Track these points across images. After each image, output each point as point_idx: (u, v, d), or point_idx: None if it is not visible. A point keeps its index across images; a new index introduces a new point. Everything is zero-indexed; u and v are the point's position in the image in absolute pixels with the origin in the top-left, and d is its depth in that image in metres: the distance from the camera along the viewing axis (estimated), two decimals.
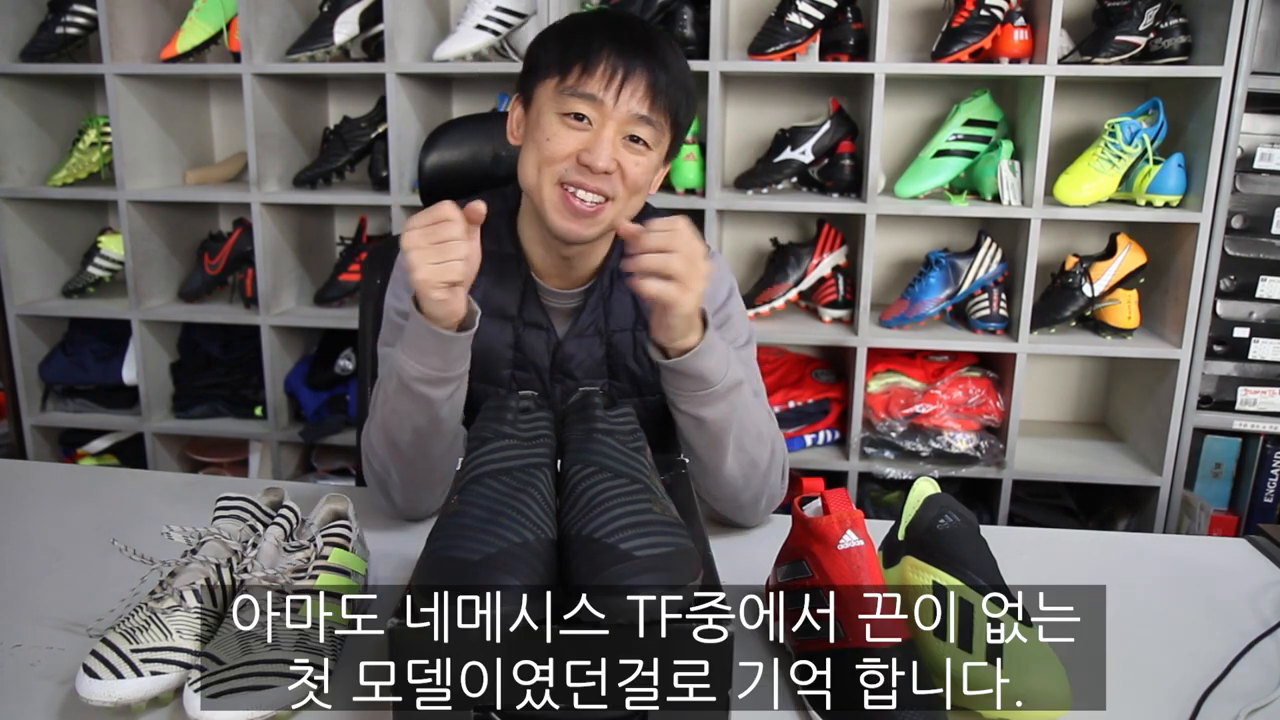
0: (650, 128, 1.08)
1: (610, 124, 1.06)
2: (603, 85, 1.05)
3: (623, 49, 1.06)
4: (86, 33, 2.29)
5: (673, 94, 1.09)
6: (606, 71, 1.05)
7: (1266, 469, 2.09)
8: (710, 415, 1.04)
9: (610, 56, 1.05)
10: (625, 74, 1.05)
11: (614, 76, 1.05)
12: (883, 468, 2.13)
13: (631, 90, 1.06)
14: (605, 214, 1.10)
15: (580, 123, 1.06)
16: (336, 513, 0.96)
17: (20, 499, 1.23)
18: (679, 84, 1.10)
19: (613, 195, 1.09)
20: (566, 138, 1.07)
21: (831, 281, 2.18)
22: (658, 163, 1.13)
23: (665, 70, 1.07)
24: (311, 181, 2.27)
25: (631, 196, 1.11)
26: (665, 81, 1.07)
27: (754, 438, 1.09)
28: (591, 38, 1.07)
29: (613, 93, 1.05)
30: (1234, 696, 0.81)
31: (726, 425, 1.05)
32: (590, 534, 0.67)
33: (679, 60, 1.11)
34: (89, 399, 2.50)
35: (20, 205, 2.38)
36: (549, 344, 1.20)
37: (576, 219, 1.09)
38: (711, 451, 1.07)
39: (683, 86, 1.11)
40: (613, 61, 1.05)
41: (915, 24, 2.23)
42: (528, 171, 1.11)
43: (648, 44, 1.08)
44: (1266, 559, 1.10)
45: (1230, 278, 2.00)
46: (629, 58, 1.06)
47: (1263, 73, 1.89)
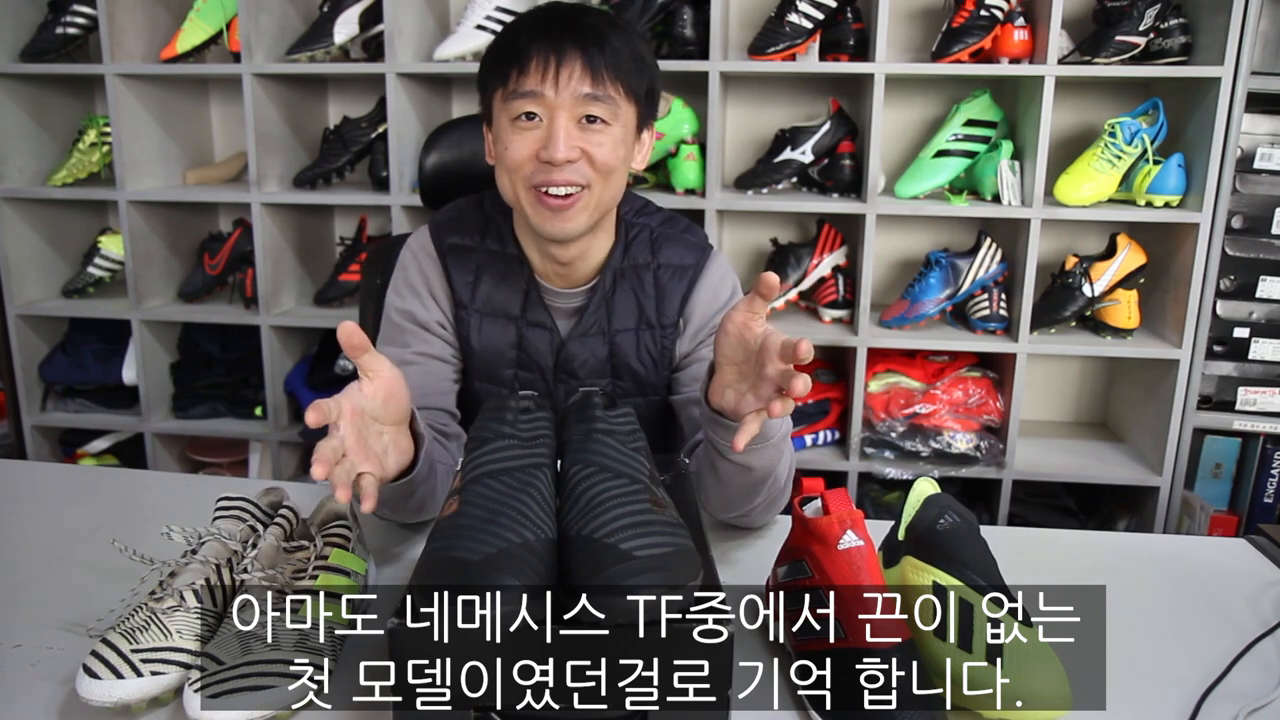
0: (601, 104, 1.06)
1: (559, 114, 1.05)
2: (539, 78, 1.05)
3: (550, 36, 1.06)
4: (86, 33, 2.29)
5: (616, 64, 1.07)
6: (540, 64, 1.05)
7: (1266, 469, 2.09)
8: (759, 463, 0.99)
9: (539, 48, 1.05)
10: (558, 60, 1.05)
11: (548, 66, 1.04)
12: (883, 468, 2.13)
13: (569, 74, 1.05)
14: (584, 201, 1.09)
15: (531, 121, 1.06)
16: (336, 513, 0.96)
17: (20, 499, 1.23)
18: (620, 52, 1.07)
19: (586, 183, 1.08)
20: (523, 140, 1.07)
21: (831, 281, 2.18)
22: (625, 136, 1.10)
23: (600, 44, 1.06)
24: (311, 181, 2.27)
25: (607, 179, 1.09)
26: (602, 55, 1.06)
27: (786, 466, 1.05)
28: (519, 36, 1.07)
29: (550, 82, 1.05)
30: (1234, 696, 0.81)
31: (772, 467, 1.01)
32: (590, 534, 0.67)
33: (617, 30, 1.09)
34: (89, 399, 2.50)
35: (20, 205, 2.38)
36: (552, 344, 1.19)
37: (557, 215, 1.08)
38: (749, 490, 1.02)
39: (626, 54, 1.08)
40: (543, 52, 1.05)
41: (915, 24, 2.23)
42: (503, 185, 1.12)
43: (574, 25, 1.07)
44: (1266, 559, 1.10)
45: (1230, 278, 2.00)
46: (558, 43, 1.05)
47: (1263, 73, 1.89)
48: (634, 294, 1.20)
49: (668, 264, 1.21)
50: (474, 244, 1.20)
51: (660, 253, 1.21)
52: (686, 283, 1.21)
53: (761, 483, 1.01)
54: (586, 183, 1.08)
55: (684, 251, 1.22)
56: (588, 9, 1.12)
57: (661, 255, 1.21)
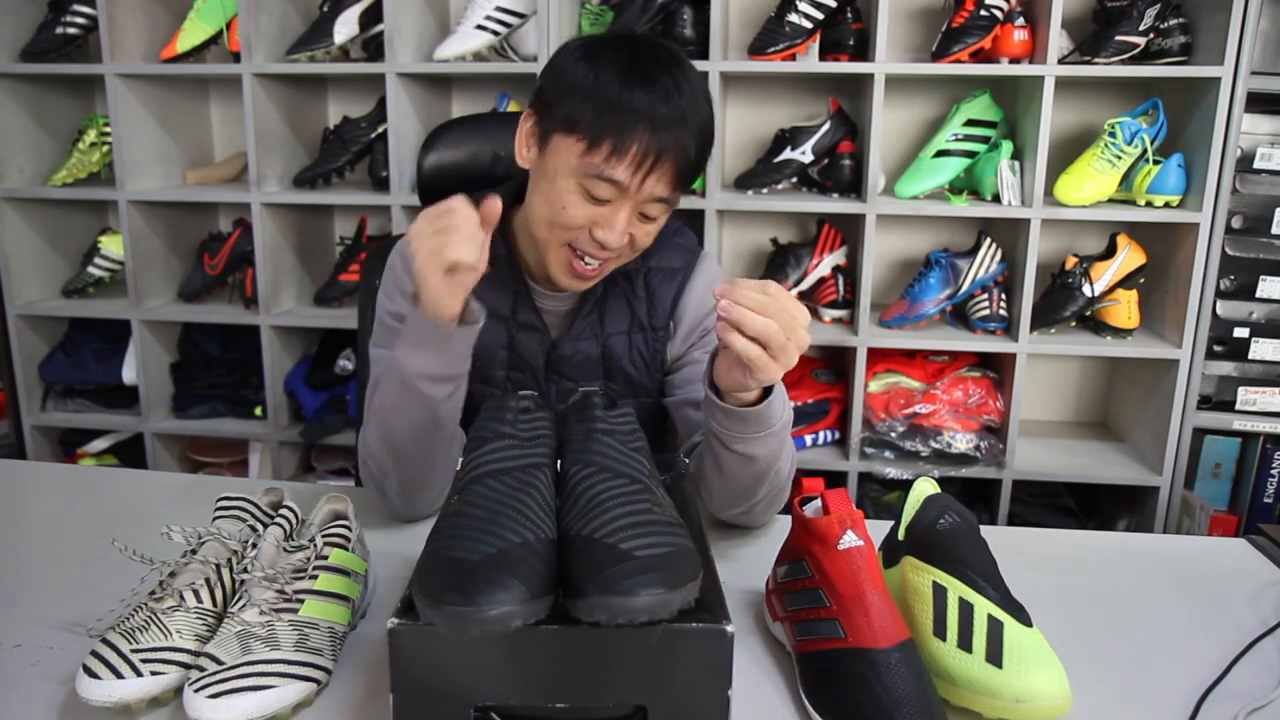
0: (665, 204, 1.07)
1: (628, 204, 1.05)
2: (630, 172, 1.01)
3: (656, 125, 1.00)
4: (86, 33, 2.29)
5: (702, 161, 1.07)
6: (637, 156, 1.01)
7: (1266, 469, 2.09)
8: (762, 453, 0.98)
9: (644, 138, 1.00)
10: (656, 160, 1.01)
11: (644, 162, 1.01)
12: (883, 468, 2.13)
13: (659, 176, 1.03)
14: (606, 269, 1.13)
15: (599, 202, 1.05)
16: (336, 513, 0.96)
17: (20, 499, 1.23)
18: (708, 145, 1.07)
19: (618, 255, 1.11)
20: (583, 210, 1.05)
21: (831, 281, 2.18)
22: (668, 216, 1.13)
23: (696, 139, 1.04)
24: (311, 181, 2.27)
25: (638, 252, 1.13)
26: (696, 155, 1.04)
27: (787, 459, 1.05)
28: (626, 111, 1.00)
29: (639, 178, 1.02)
30: (1234, 696, 0.81)
31: (775, 458, 1.01)
32: (590, 534, 0.67)
33: (706, 109, 1.06)
34: (89, 399, 2.50)
35: (20, 205, 2.38)
36: (543, 345, 1.20)
37: (579, 279, 1.12)
38: (752, 483, 1.02)
39: (710, 145, 1.07)
40: (645, 144, 1.00)
41: (915, 24, 2.23)
42: (537, 223, 1.10)
43: (680, 113, 1.02)
44: (1266, 559, 1.10)
45: (1230, 278, 2.00)
46: (662, 136, 1.01)
47: (1263, 73, 1.89)
48: (625, 298, 1.21)
49: (658, 267, 1.22)
50: None
51: (650, 256, 1.21)
52: (676, 286, 1.22)
53: (764, 475, 1.02)
54: (618, 255, 1.11)
55: (673, 255, 1.23)
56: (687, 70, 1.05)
57: (651, 259, 1.22)
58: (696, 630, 0.67)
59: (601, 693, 0.68)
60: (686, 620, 0.66)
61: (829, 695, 0.76)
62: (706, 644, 0.67)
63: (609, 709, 0.69)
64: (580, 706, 0.68)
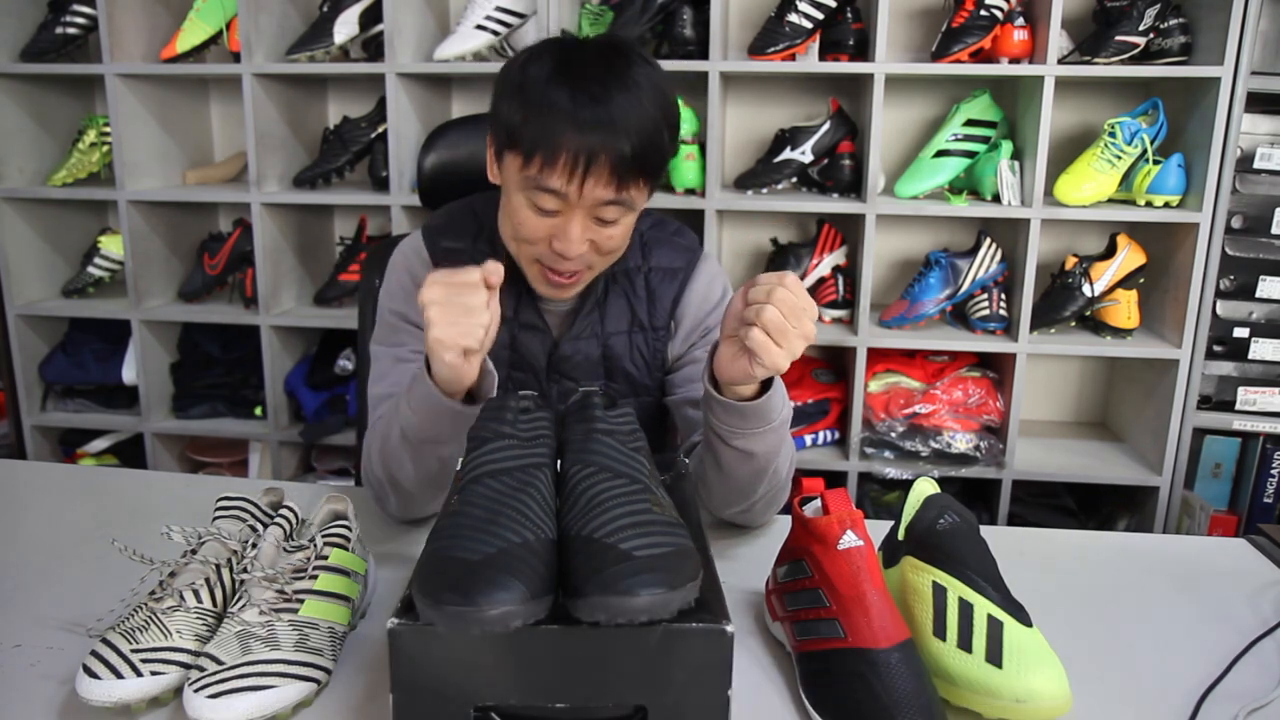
0: (619, 206, 1.05)
1: (577, 213, 1.04)
2: (565, 179, 1.00)
3: (582, 129, 0.99)
4: (86, 33, 2.29)
5: (642, 162, 1.02)
6: (568, 163, 1.00)
7: (1266, 469, 2.09)
8: (761, 449, 0.99)
9: (571, 143, 0.99)
10: (588, 163, 1.00)
11: (575, 168, 1.00)
12: (883, 468, 2.13)
13: (595, 179, 1.01)
14: (586, 276, 1.13)
15: (548, 213, 1.05)
16: (336, 513, 0.96)
17: (20, 499, 1.23)
18: (649, 143, 1.02)
19: (591, 265, 1.11)
20: (537, 224, 1.06)
21: (831, 281, 2.18)
22: (635, 215, 1.10)
23: (631, 138, 1.00)
24: (311, 181, 2.27)
25: (611, 255, 1.13)
26: (632, 154, 1.01)
27: (786, 457, 1.05)
28: (551, 118, 0.99)
29: (575, 185, 1.01)
30: (1234, 696, 0.81)
31: (774, 455, 1.01)
32: (590, 534, 0.67)
33: (647, 106, 1.02)
34: (89, 399, 2.50)
35: (20, 205, 2.38)
36: (545, 345, 1.20)
37: (558, 288, 1.13)
38: (752, 480, 1.02)
39: (654, 142, 1.03)
40: (573, 149, 0.99)
41: (915, 24, 2.23)
42: (506, 236, 1.13)
43: (609, 115, 0.99)
44: (1266, 559, 1.10)
45: (1230, 278, 2.00)
46: (589, 138, 0.99)
47: (1263, 73, 1.89)
48: (626, 297, 1.21)
49: (658, 267, 1.22)
50: (466, 246, 1.20)
51: (650, 256, 1.22)
52: (677, 285, 1.22)
53: (763, 472, 1.02)
54: (592, 264, 1.11)
55: (673, 254, 1.23)
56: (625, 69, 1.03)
57: (652, 259, 1.22)
58: (696, 630, 0.67)
59: (601, 693, 0.68)
60: (686, 620, 0.66)
61: (829, 695, 0.76)
62: (706, 644, 0.67)
63: (609, 709, 0.69)
64: (580, 706, 0.68)
